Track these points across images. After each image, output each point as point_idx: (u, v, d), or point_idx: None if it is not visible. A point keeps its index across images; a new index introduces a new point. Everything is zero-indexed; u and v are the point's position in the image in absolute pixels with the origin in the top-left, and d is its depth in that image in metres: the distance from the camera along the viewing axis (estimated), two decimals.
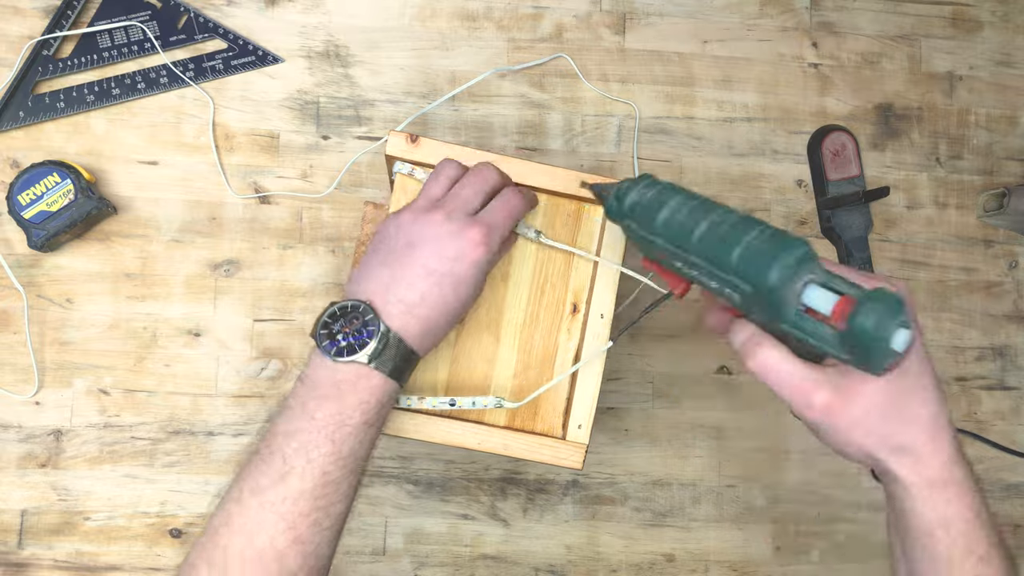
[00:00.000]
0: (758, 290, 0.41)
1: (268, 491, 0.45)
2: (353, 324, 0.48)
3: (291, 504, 0.45)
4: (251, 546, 0.45)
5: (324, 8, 0.73)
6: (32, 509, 0.68)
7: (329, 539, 0.48)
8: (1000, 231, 0.79)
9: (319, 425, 0.46)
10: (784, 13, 0.78)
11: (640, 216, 0.47)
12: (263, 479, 0.46)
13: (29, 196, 0.65)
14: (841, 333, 0.39)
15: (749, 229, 0.42)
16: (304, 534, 0.45)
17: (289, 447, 0.46)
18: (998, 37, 0.80)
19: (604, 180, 0.55)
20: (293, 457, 0.46)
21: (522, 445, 0.55)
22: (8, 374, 0.68)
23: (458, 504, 0.72)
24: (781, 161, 0.77)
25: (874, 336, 0.38)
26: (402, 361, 0.49)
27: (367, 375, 0.48)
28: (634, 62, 0.76)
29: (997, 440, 0.77)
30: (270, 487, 0.45)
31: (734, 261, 0.42)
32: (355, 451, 0.47)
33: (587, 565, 0.73)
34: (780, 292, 0.40)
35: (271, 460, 0.46)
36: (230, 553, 0.45)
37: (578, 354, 0.58)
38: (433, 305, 0.49)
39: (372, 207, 0.64)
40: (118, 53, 0.70)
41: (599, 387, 0.57)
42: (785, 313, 0.41)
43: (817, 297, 0.40)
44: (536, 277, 0.58)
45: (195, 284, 0.70)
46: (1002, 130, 0.80)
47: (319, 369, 0.48)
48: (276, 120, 0.72)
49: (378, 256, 0.51)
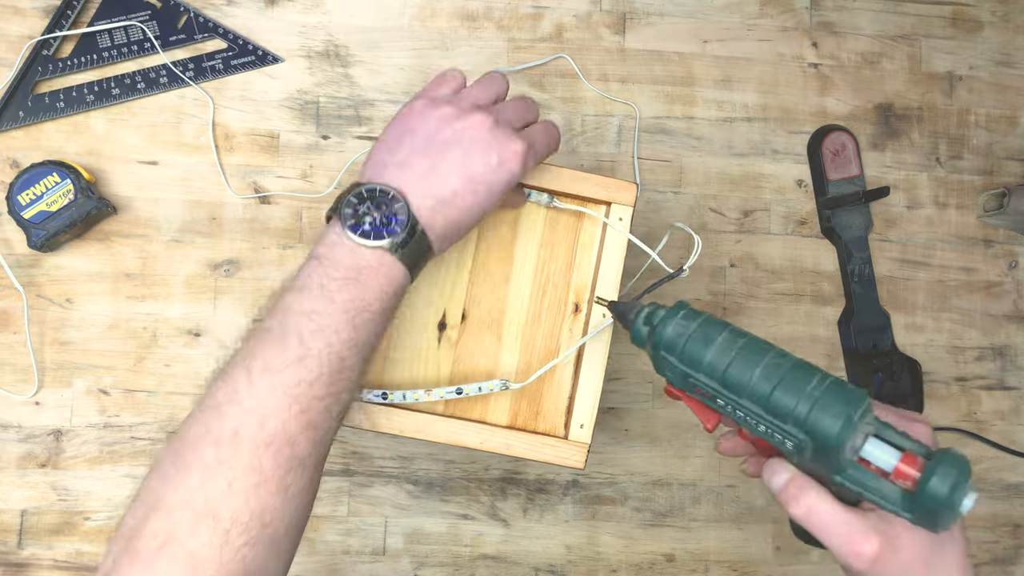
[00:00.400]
0: (817, 442, 0.40)
1: (283, 372, 0.43)
2: (381, 210, 0.46)
3: (307, 388, 0.43)
4: (263, 429, 0.42)
5: (324, 8, 0.73)
6: (32, 509, 0.68)
7: (335, 428, 0.46)
8: (1000, 231, 0.79)
9: (340, 308, 0.44)
10: (784, 13, 0.78)
11: (682, 351, 0.45)
12: (276, 359, 0.43)
13: (29, 196, 0.65)
14: (910, 494, 0.39)
15: (809, 378, 0.41)
16: (316, 419, 0.43)
17: (307, 328, 0.44)
18: (998, 37, 0.80)
19: (621, 300, 0.53)
20: (311, 339, 0.43)
21: (524, 444, 0.55)
22: (8, 374, 0.68)
23: (458, 504, 0.72)
24: (781, 161, 0.77)
25: (947, 502, 0.37)
26: (420, 256, 0.48)
27: (390, 264, 0.46)
28: (634, 62, 0.76)
29: (997, 440, 0.77)
30: (285, 368, 0.43)
31: (794, 411, 0.40)
32: (371, 339, 0.46)
33: (587, 565, 0.73)
34: (841, 445, 0.39)
35: (286, 339, 0.43)
36: (242, 435, 0.42)
37: (580, 353, 0.58)
38: (461, 208, 0.48)
39: None
40: (118, 53, 0.70)
41: (601, 387, 0.57)
42: (842, 465, 0.40)
43: (878, 453, 0.39)
44: (538, 277, 0.58)
45: (195, 284, 0.70)
46: (1002, 130, 0.80)
47: (338, 249, 0.46)
48: (276, 120, 0.72)
49: (415, 143, 0.49)
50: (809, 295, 0.76)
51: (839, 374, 0.76)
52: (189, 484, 0.41)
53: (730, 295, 0.75)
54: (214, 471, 0.41)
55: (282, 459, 0.42)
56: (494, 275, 0.58)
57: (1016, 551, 0.77)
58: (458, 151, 0.48)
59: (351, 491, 0.71)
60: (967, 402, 0.78)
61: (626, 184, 0.57)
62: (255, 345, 0.44)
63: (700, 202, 0.76)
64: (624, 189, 0.57)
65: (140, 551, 0.40)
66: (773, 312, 0.76)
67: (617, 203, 0.57)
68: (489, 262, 0.58)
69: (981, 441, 0.77)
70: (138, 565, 0.39)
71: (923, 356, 0.77)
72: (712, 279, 0.75)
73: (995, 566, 0.77)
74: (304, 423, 0.43)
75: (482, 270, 0.58)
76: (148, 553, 0.39)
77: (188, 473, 0.41)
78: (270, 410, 0.42)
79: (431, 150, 0.48)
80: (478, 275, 0.58)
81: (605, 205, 0.58)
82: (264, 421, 0.42)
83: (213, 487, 0.41)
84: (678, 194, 0.75)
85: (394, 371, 0.57)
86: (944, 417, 0.77)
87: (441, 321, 0.58)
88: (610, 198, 0.57)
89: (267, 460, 0.42)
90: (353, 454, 0.71)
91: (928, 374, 0.77)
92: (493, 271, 0.58)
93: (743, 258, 0.76)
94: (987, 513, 0.77)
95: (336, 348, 0.44)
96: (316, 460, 0.44)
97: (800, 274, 0.76)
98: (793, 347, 0.76)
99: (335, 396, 0.44)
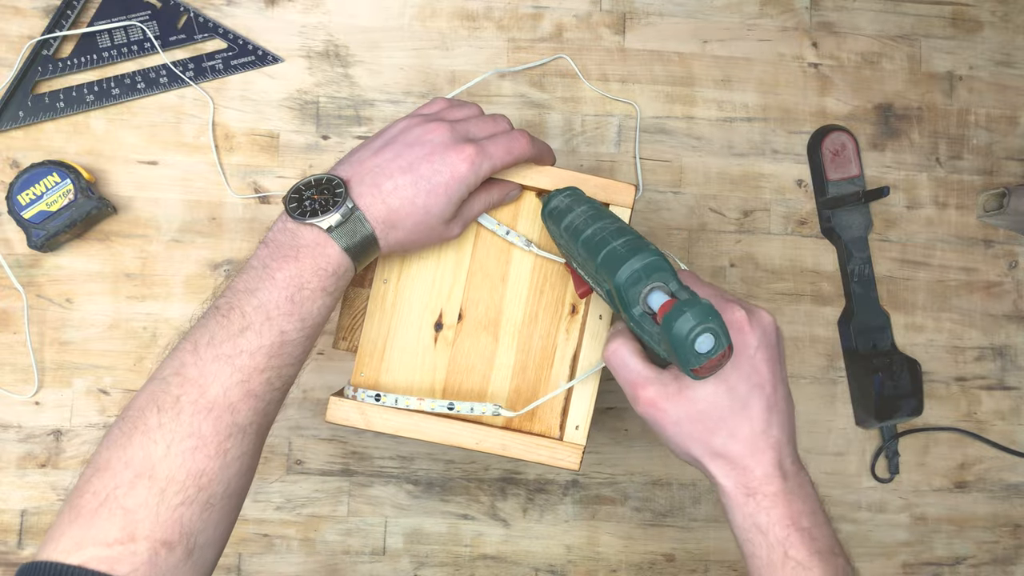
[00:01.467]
0: (614, 287, 0.45)
1: (225, 344, 0.46)
2: (323, 195, 0.49)
3: (247, 358, 0.46)
4: (204, 396, 0.45)
5: (324, 8, 0.73)
6: (32, 509, 0.68)
7: (278, 400, 0.48)
8: (1000, 231, 0.79)
9: (280, 285, 0.47)
10: (784, 13, 0.78)
11: (555, 218, 0.52)
12: (220, 332, 0.46)
13: (29, 196, 0.65)
14: (659, 330, 0.44)
15: (619, 236, 0.47)
16: (257, 388, 0.46)
17: (249, 304, 0.47)
18: (998, 37, 0.80)
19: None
20: (252, 314, 0.46)
21: (520, 445, 0.55)
22: (8, 374, 0.68)
23: (458, 504, 0.72)
24: (781, 161, 0.77)
25: (677, 335, 0.42)
26: (362, 240, 0.49)
27: (325, 242, 0.48)
28: (634, 62, 0.76)
29: (997, 440, 0.77)
30: (227, 340, 0.46)
31: (598, 261, 0.47)
32: (312, 315, 0.48)
33: (587, 565, 0.73)
34: (627, 291, 0.45)
35: (230, 315, 0.46)
36: (183, 401, 0.44)
37: (576, 355, 0.58)
38: (403, 199, 0.50)
39: None
40: (118, 53, 0.70)
41: (597, 388, 0.57)
42: (631, 312, 0.46)
43: (655, 299, 0.45)
44: (535, 277, 0.58)
45: (195, 284, 0.70)
46: (1002, 130, 0.80)
47: (281, 233, 0.49)
48: (276, 120, 0.72)
49: (372, 146, 0.52)
50: (809, 295, 0.76)
51: (839, 374, 0.76)
52: (131, 446, 0.44)
53: None
54: (155, 434, 0.44)
55: (222, 425, 0.45)
56: (491, 275, 0.58)
57: (1016, 551, 0.77)
58: (407, 151, 0.51)
59: (351, 491, 0.71)
60: (967, 402, 0.78)
61: (624, 185, 0.57)
62: (203, 322, 0.47)
63: (700, 202, 0.76)
64: (622, 191, 0.57)
65: (81, 508, 0.42)
66: (773, 312, 0.76)
67: (616, 204, 0.57)
68: (487, 261, 0.58)
69: (981, 441, 0.77)
70: (79, 521, 0.42)
71: (923, 356, 0.77)
72: (712, 279, 0.75)
73: (995, 566, 0.77)
74: (244, 391, 0.46)
75: (480, 270, 0.58)
76: (88, 510, 0.42)
77: (131, 437, 0.44)
78: (211, 379, 0.45)
79: (385, 149, 0.51)
80: (475, 276, 0.58)
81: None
82: (205, 389, 0.45)
83: (153, 449, 0.43)
84: (678, 194, 0.75)
85: (390, 370, 0.57)
86: (944, 417, 0.77)
87: (438, 321, 0.58)
88: (609, 199, 0.57)
89: (206, 426, 0.44)
90: (353, 454, 0.71)
91: (928, 374, 0.77)
92: (490, 271, 0.58)
93: (743, 258, 0.76)
94: (987, 513, 0.77)
95: (277, 322, 0.47)
96: (257, 428, 0.47)
97: (800, 274, 0.76)
98: (793, 347, 0.76)
99: (277, 370, 0.47)
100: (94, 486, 0.43)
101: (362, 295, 0.62)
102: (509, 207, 0.58)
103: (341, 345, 0.61)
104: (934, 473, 0.77)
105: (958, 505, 0.77)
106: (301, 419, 0.70)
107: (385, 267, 0.57)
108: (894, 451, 0.76)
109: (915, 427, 0.76)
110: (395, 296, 0.57)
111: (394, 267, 0.57)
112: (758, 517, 0.47)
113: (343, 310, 0.62)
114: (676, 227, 0.75)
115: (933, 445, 0.77)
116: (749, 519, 0.47)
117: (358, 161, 0.51)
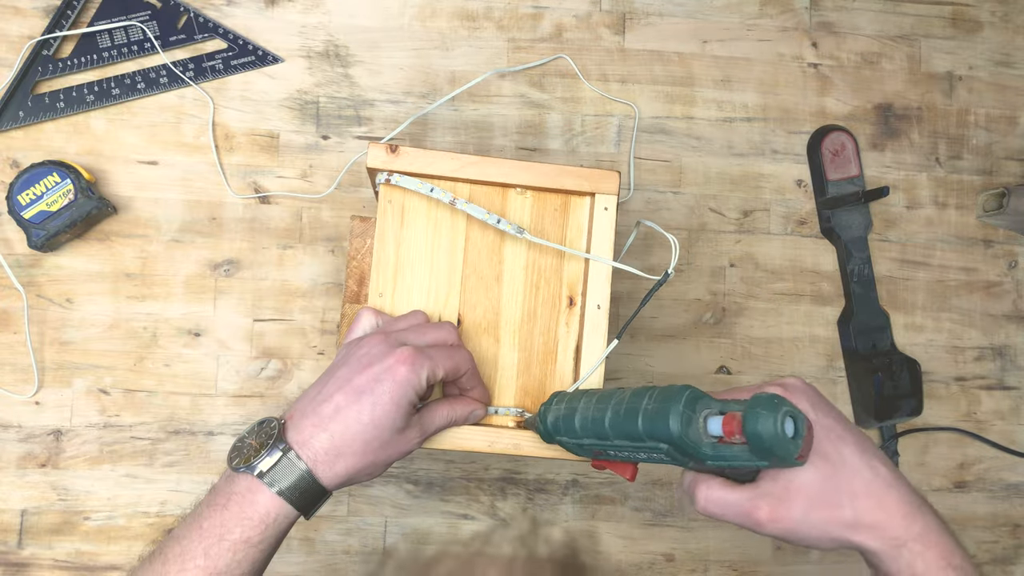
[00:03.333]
0: (672, 444, 0.44)
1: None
2: (260, 437, 0.47)
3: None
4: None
5: (324, 8, 0.73)
6: (32, 509, 0.68)
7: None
8: (1000, 231, 0.79)
9: (202, 535, 0.45)
10: (784, 13, 0.78)
11: (565, 430, 0.50)
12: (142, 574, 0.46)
13: (29, 196, 0.65)
14: (746, 446, 0.43)
15: (641, 398, 0.46)
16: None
17: (172, 551, 0.46)
18: (998, 37, 0.80)
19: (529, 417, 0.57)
20: (171, 562, 0.45)
21: (532, 444, 0.55)
22: (8, 374, 0.68)
23: (458, 504, 0.72)
24: (781, 161, 0.77)
25: (766, 436, 0.41)
26: (298, 481, 0.46)
27: (256, 489, 0.46)
28: (634, 62, 0.76)
29: (997, 440, 0.77)
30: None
31: (641, 431, 0.45)
32: (231, 569, 0.45)
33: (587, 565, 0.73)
34: (688, 437, 0.43)
35: (152, 561, 0.46)
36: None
37: (579, 346, 0.58)
38: (345, 421, 0.47)
39: (359, 220, 0.63)
40: (118, 53, 0.70)
41: (602, 379, 0.57)
42: (702, 452, 0.44)
43: (713, 426, 0.44)
44: (529, 274, 0.58)
45: (195, 284, 0.70)
46: (1002, 130, 0.80)
47: (224, 480, 0.47)
48: (276, 120, 0.72)
49: (315, 383, 0.50)
50: (809, 295, 0.76)
51: (839, 374, 0.76)
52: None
53: (730, 295, 0.75)
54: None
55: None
56: (485, 276, 0.58)
57: (1016, 551, 0.77)
58: (345, 369, 0.49)
59: (351, 491, 0.71)
60: (967, 402, 0.78)
61: (608, 173, 0.57)
62: (140, 564, 0.47)
63: (700, 202, 0.76)
64: (606, 178, 0.57)
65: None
66: (773, 312, 0.76)
67: (601, 193, 0.57)
68: (480, 264, 0.58)
69: (981, 441, 0.77)
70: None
71: (923, 356, 0.77)
72: (712, 279, 0.75)
73: (995, 566, 0.77)
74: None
75: (473, 273, 0.58)
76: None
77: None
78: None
79: (324, 377, 0.49)
80: (469, 279, 0.58)
81: (590, 196, 0.58)
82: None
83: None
84: (678, 194, 0.75)
85: None
86: (944, 417, 0.77)
87: None
88: (594, 188, 0.57)
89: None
90: None
91: (928, 374, 0.77)
92: (484, 272, 0.58)
93: (743, 258, 0.76)
94: (987, 513, 0.77)
95: (190, 574, 0.45)
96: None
97: (800, 274, 0.76)
98: (793, 347, 0.76)
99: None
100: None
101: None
102: (494, 201, 0.58)
103: None
104: (934, 473, 0.77)
105: (958, 505, 0.77)
106: None
107: (379, 280, 0.57)
108: (894, 451, 0.76)
109: (915, 427, 0.76)
110: (392, 309, 0.57)
111: (388, 279, 0.57)
112: (915, 567, 0.45)
113: (342, 329, 0.62)
114: (676, 227, 0.75)
115: (933, 445, 0.77)
116: (908, 570, 0.45)
117: (300, 399, 0.49)
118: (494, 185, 0.57)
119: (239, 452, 0.48)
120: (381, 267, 0.57)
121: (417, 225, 0.57)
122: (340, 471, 0.47)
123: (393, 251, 0.57)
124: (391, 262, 0.57)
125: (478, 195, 0.58)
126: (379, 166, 0.56)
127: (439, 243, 0.57)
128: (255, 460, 0.46)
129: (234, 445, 0.48)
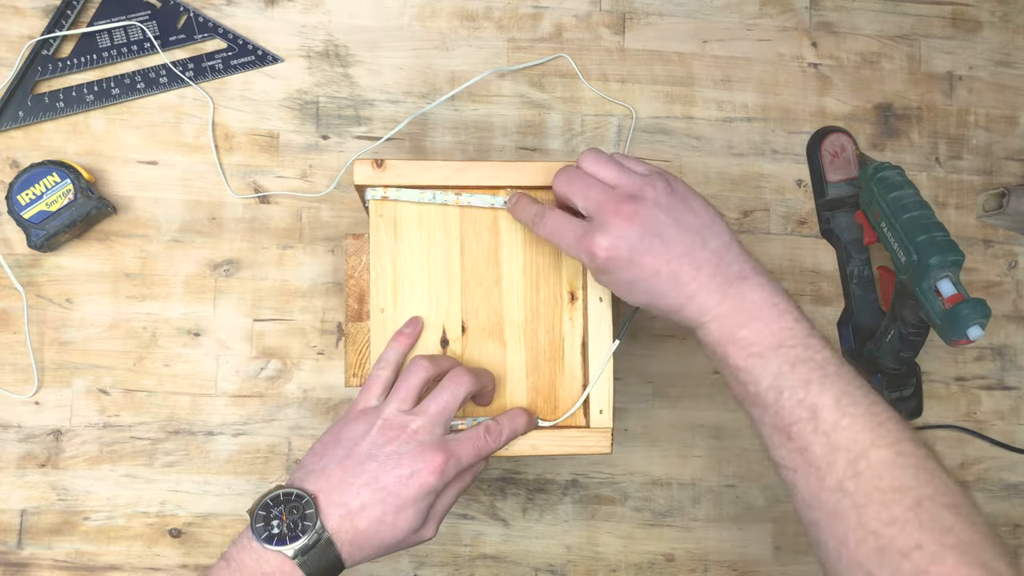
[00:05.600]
0: (920, 262, 0.61)
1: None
2: (292, 514, 0.47)
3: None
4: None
5: (324, 8, 0.73)
6: (32, 509, 0.68)
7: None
8: (1000, 231, 0.79)
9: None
10: (784, 13, 0.78)
11: (884, 185, 0.66)
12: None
13: (29, 196, 0.65)
14: (946, 311, 0.60)
15: (939, 229, 0.62)
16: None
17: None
18: (998, 37, 0.80)
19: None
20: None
21: (549, 442, 0.55)
22: (8, 374, 0.68)
23: (458, 504, 0.72)
24: (781, 161, 0.77)
25: (960, 320, 0.58)
26: (327, 565, 0.47)
27: (291, 571, 0.46)
28: (634, 62, 0.76)
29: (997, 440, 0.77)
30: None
31: (918, 240, 0.62)
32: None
33: (587, 565, 0.73)
34: (931, 271, 0.61)
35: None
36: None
37: (584, 340, 0.57)
38: (371, 518, 0.48)
39: (352, 238, 0.63)
40: (117, 53, 0.70)
41: (612, 369, 0.57)
42: (925, 284, 0.61)
43: (946, 286, 0.60)
44: (528, 273, 0.58)
45: (195, 284, 0.70)
46: (1002, 130, 0.80)
47: (245, 552, 0.47)
48: (276, 120, 0.72)
49: (338, 451, 0.50)
50: (809, 295, 0.76)
51: None
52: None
53: None
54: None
55: None
56: (485, 281, 0.57)
57: (1016, 551, 0.77)
58: (373, 464, 0.49)
59: None
60: (967, 402, 0.78)
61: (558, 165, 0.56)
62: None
63: None
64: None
65: None
66: None
67: None
68: (478, 269, 0.57)
69: (981, 439, 0.77)
70: None
71: (922, 356, 0.77)
72: None
73: None
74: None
75: (472, 279, 0.57)
76: None
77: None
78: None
79: (350, 461, 0.49)
80: (468, 284, 0.57)
81: None
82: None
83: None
84: None
85: None
86: (944, 417, 0.77)
87: (442, 337, 0.57)
88: None
89: None
90: None
91: (928, 374, 0.77)
92: (483, 277, 0.57)
93: None
94: (987, 513, 0.76)
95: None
96: None
97: (800, 274, 0.76)
98: None
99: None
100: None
101: (363, 329, 0.61)
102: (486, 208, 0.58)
103: (352, 382, 0.61)
104: None
105: None
106: (301, 419, 0.70)
107: (379, 296, 0.57)
108: None
109: (914, 427, 0.76)
110: (395, 322, 0.56)
111: (388, 294, 0.57)
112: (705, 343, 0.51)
113: (348, 348, 0.62)
114: None
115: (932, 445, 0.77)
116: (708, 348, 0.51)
117: (326, 474, 0.49)
118: (486, 189, 0.57)
119: (265, 524, 0.47)
120: (379, 282, 0.57)
121: (411, 237, 0.57)
122: (357, 559, 0.49)
123: (390, 265, 0.57)
124: (389, 277, 0.57)
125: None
126: (367, 182, 0.56)
127: (435, 252, 0.57)
128: (290, 539, 0.46)
129: (256, 512, 0.48)
